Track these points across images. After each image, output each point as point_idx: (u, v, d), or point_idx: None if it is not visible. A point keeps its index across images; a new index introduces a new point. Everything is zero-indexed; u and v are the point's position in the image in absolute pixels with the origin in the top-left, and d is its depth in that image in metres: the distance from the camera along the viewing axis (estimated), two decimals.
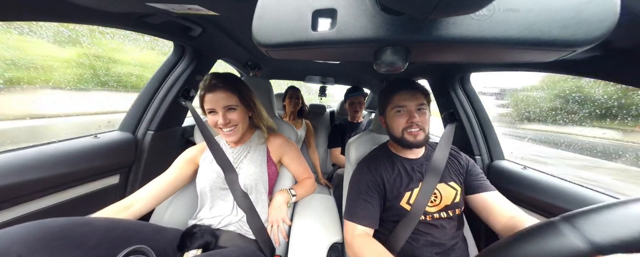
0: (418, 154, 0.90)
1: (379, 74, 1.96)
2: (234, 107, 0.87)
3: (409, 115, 0.80)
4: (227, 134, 0.88)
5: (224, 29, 1.08)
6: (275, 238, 0.88)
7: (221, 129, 0.87)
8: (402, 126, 0.81)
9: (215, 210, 0.90)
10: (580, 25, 0.32)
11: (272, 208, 0.93)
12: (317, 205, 1.02)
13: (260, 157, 0.96)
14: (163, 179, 0.89)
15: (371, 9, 0.34)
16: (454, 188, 0.83)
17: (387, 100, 0.85)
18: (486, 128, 1.30)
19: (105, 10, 0.72)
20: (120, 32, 1.63)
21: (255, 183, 0.90)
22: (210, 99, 0.85)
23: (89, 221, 0.64)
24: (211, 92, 0.85)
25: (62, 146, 0.91)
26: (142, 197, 0.83)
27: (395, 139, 0.85)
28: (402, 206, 0.81)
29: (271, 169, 0.97)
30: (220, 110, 0.85)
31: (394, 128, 0.84)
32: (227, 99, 0.85)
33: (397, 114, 0.82)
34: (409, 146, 0.83)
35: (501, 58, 0.44)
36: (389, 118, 0.86)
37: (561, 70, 0.84)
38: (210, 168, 0.92)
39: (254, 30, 0.37)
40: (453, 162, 0.89)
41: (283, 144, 1.03)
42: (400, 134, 0.82)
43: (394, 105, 0.83)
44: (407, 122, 0.80)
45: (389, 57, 0.38)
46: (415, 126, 0.79)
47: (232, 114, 0.87)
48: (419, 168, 0.87)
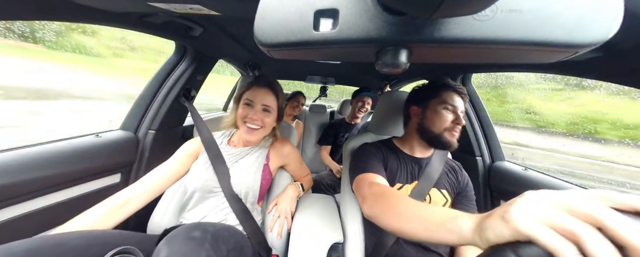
0: (424, 155, 0.90)
1: (380, 74, 1.96)
2: (270, 110, 0.89)
3: (457, 116, 0.79)
4: (249, 130, 0.87)
5: (226, 28, 1.08)
6: (279, 229, 0.88)
7: (245, 123, 0.87)
8: (446, 124, 0.80)
9: (200, 211, 0.87)
10: (584, 26, 0.32)
11: (284, 199, 0.94)
12: (317, 205, 1.02)
13: (257, 163, 0.93)
14: (162, 171, 0.88)
15: (373, 9, 0.34)
16: (445, 197, 0.84)
17: (435, 94, 0.83)
18: (487, 129, 1.30)
19: (106, 9, 0.72)
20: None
21: (246, 191, 0.88)
22: (255, 91, 0.87)
23: (61, 240, 0.58)
24: (259, 87, 0.88)
25: (64, 144, 0.91)
26: (140, 191, 0.81)
27: (431, 134, 0.82)
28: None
29: (266, 177, 0.94)
30: (258, 106, 0.87)
31: (435, 123, 0.81)
32: (270, 100, 0.88)
33: (446, 111, 0.80)
34: (442, 145, 0.81)
35: (503, 59, 0.43)
36: (433, 112, 0.82)
37: (562, 71, 0.84)
38: (205, 169, 0.90)
39: (256, 30, 0.37)
40: (451, 174, 0.89)
41: (290, 153, 1.02)
42: (441, 130, 0.80)
43: (443, 101, 0.81)
44: (453, 122, 0.79)
45: (390, 58, 0.38)
46: (457, 128, 0.79)
47: (266, 115, 0.88)
48: (419, 168, 0.87)
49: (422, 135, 0.85)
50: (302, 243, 0.83)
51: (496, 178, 1.20)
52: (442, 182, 0.86)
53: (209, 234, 0.62)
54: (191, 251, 0.56)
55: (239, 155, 0.94)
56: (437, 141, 0.81)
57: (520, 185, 1.07)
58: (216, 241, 0.62)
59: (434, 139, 0.82)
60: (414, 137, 0.88)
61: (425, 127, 0.83)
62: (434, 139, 0.82)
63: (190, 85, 1.27)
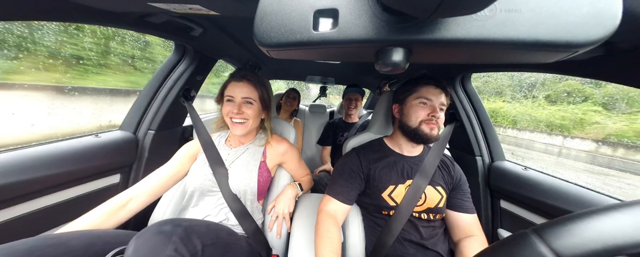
0: (414, 153, 0.91)
1: (380, 74, 1.96)
2: (252, 101, 0.88)
3: (432, 109, 0.81)
4: (236, 125, 0.87)
5: (225, 29, 1.08)
6: (278, 229, 0.88)
7: (231, 119, 0.87)
8: (421, 117, 0.81)
9: (200, 211, 0.88)
10: (582, 26, 0.32)
11: (282, 199, 0.94)
12: (316, 205, 1.02)
13: (253, 162, 0.93)
14: (163, 172, 0.88)
15: (373, 9, 0.34)
16: (440, 193, 0.85)
17: (412, 89, 0.85)
18: (487, 128, 1.30)
19: (106, 9, 0.72)
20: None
21: (244, 190, 0.88)
22: (232, 87, 0.87)
23: (62, 240, 0.57)
24: (236, 81, 0.87)
25: (63, 145, 0.91)
26: (142, 192, 0.81)
27: (409, 129, 0.84)
28: (384, 198, 0.83)
29: (264, 175, 0.94)
30: (238, 100, 0.87)
31: (411, 118, 0.83)
32: (248, 92, 0.87)
33: (421, 105, 0.82)
34: (421, 138, 0.82)
35: (502, 59, 0.43)
36: (408, 107, 0.85)
37: (562, 71, 0.84)
38: (203, 169, 0.90)
39: (255, 30, 0.37)
40: (444, 170, 0.90)
41: (287, 151, 1.01)
42: (417, 124, 0.82)
43: (419, 96, 0.83)
44: (429, 115, 0.81)
45: (390, 58, 0.38)
46: (434, 120, 0.80)
47: (248, 108, 0.88)
48: (412, 166, 0.87)
49: (403, 132, 0.87)
50: (302, 243, 0.83)
51: (496, 178, 1.20)
52: (436, 178, 0.86)
53: (181, 228, 0.59)
54: (158, 244, 0.54)
55: (236, 154, 0.95)
56: (415, 134, 0.82)
57: (520, 184, 1.07)
58: (188, 235, 0.59)
59: (412, 133, 0.83)
60: (399, 135, 0.90)
61: (404, 122, 0.86)
62: (412, 133, 0.83)
63: (190, 86, 1.27)
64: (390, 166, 0.87)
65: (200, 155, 0.95)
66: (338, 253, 0.71)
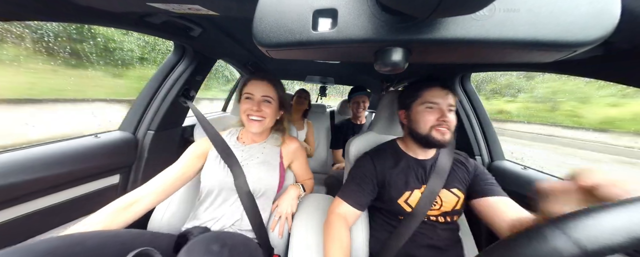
0: (428, 155, 0.89)
1: (379, 74, 1.96)
2: (270, 100, 0.91)
3: (441, 113, 0.77)
4: (253, 122, 0.89)
5: (224, 29, 1.08)
6: (280, 230, 0.89)
7: (248, 116, 0.89)
8: (431, 123, 0.77)
9: (216, 211, 0.88)
10: (581, 25, 0.32)
11: (285, 199, 0.94)
12: (317, 205, 1.02)
13: (274, 162, 0.95)
14: (171, 173, 0.86)
15: (372, 9, 0.34)
16: (457, 195, 0.82)
17: (416, 94, 0.81)
18: (486, 128, 1.30)
19: (105, 10, 0.72)
20: None
21: (265, 190, 0.90)
22: (252, 85, 0.90)
23: (79, 240, 0.59)
24: (256, 80, 0.90)
25: (63, 145, 0.91)
26: (149, 193, 0.79)
27: (419, 136, 0.81)
28: (400, 204, 0.81)
29: (282, 174, 0.97)
30: (258, 98, 0.89)
31: (420, 124, 0.80)
32: (268, 91, 0.90)
33: (428, 110, 0.79)
34: (434, 145, 0.79)
35: (501, 58, 0.44)
36: (415, 114, 0.81)
37: (561, 70, 0.84)
38: (220, 167, 0.89)
39: (255, 30, 0.37)
40: (460, 169, 0.87)
41: (297, 150, 1.04)
42: (428, 131, 0.78)
43: (425, 101, 0.79)
44: (438, 119, 0.77)
45: (389, 58, 0.38)
46: (445, 125, 0.77)
47: (266, 106, 0.90)
48: (426, 169, 0.85)
49: (414, 138, 0.85)
50: (302, 243, 0.83)
51: (495, 177, 1.20)
52: (452, 180, 0.84)
53: (227, 248, 0.65)
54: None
55: (250, 152, 0.95)
56: (427, 141, 0.79)
57: (520, 184, 1.07)
58: (232, 256, 0.64)
59: (423, 140, 0.80)
60: (410, 140, 0.88)
61: (413, 129, 0.83)
62: (423, 140, 0.80)
63: (190, 86, 1.27)
64: (406, 171, 0.85)
65: (211, 153, 0.94)
66: (347, 256, 0.71)
